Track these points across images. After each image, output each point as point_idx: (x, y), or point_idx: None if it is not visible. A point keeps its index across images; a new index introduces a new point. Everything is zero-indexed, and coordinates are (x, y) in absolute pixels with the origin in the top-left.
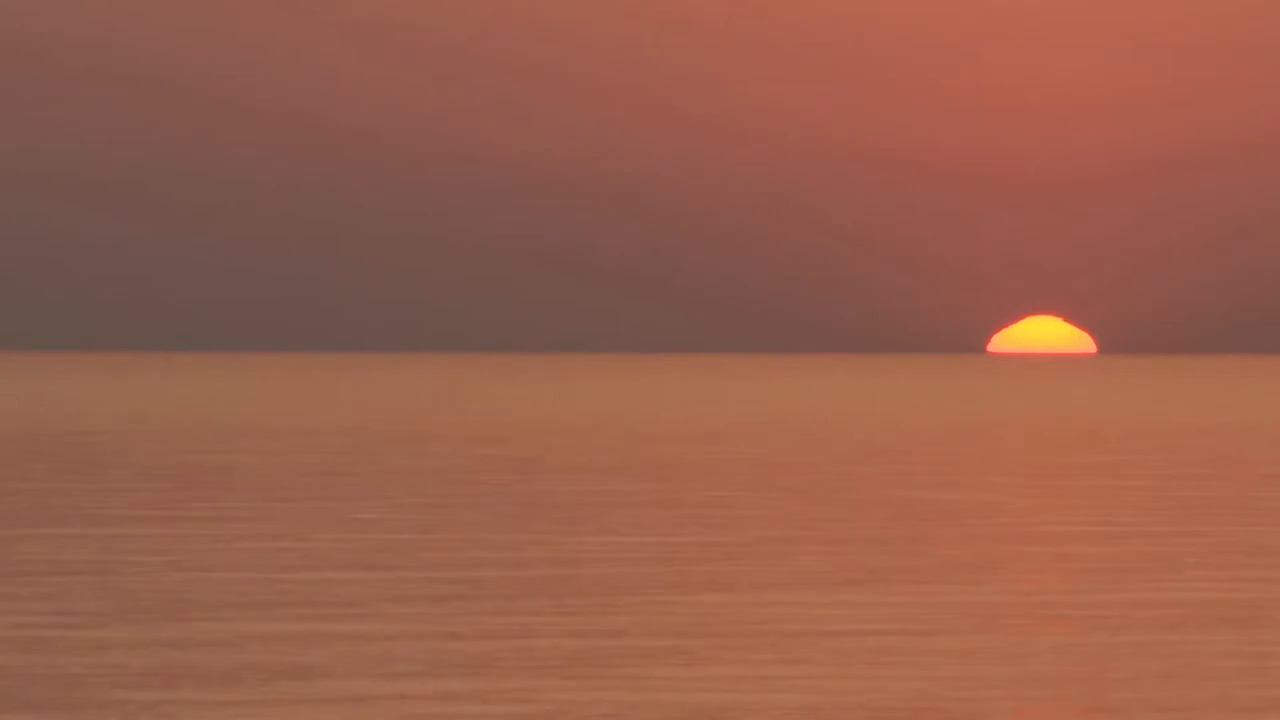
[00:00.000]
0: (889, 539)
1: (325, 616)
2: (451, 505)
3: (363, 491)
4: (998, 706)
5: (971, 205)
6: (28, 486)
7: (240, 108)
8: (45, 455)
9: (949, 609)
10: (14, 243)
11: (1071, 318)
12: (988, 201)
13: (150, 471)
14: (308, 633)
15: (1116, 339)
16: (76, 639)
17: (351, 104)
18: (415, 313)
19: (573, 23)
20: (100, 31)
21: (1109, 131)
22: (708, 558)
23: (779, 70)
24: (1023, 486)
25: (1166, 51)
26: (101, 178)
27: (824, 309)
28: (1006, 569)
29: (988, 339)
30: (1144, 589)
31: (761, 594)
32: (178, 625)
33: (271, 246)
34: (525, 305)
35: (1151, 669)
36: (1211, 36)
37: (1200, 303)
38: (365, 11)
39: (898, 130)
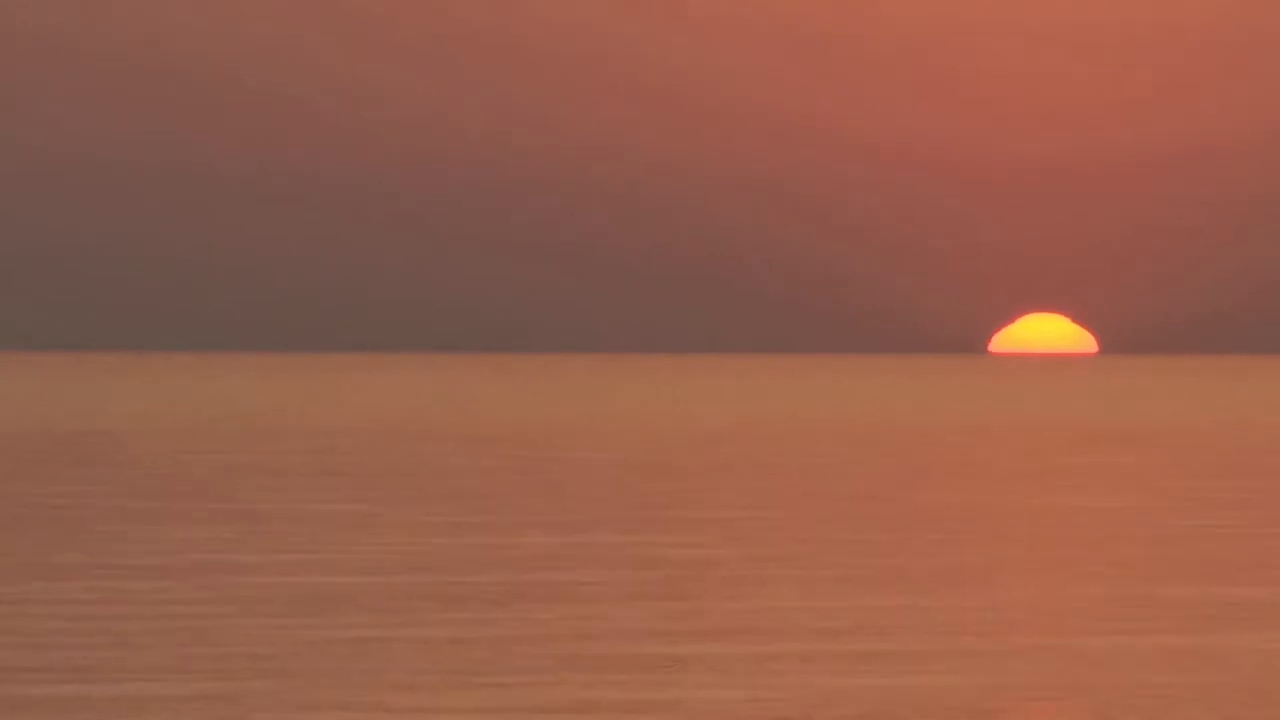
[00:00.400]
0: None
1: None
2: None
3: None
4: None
5: (971, 201)
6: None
7: (243, 105)
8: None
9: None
10: (16, 242)
11: (1073, 315)
12: (987, 198)
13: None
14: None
15: (1119, 338)
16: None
17: (355, 102)
18: (414, 312)
19: (569, 16)
20: (99, 26)
21: (1113, 128)
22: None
23: (778, 64)
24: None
25: (1174, 46)
26: (105, 176)
27: (824, 307)
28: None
29: (988, 338)
30: None
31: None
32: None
33: (273, 246)
34: (519, 304)
35: None
36: (1224, 30)
37: (1204, 302)
38: (367, 7)
39: (899, 126)
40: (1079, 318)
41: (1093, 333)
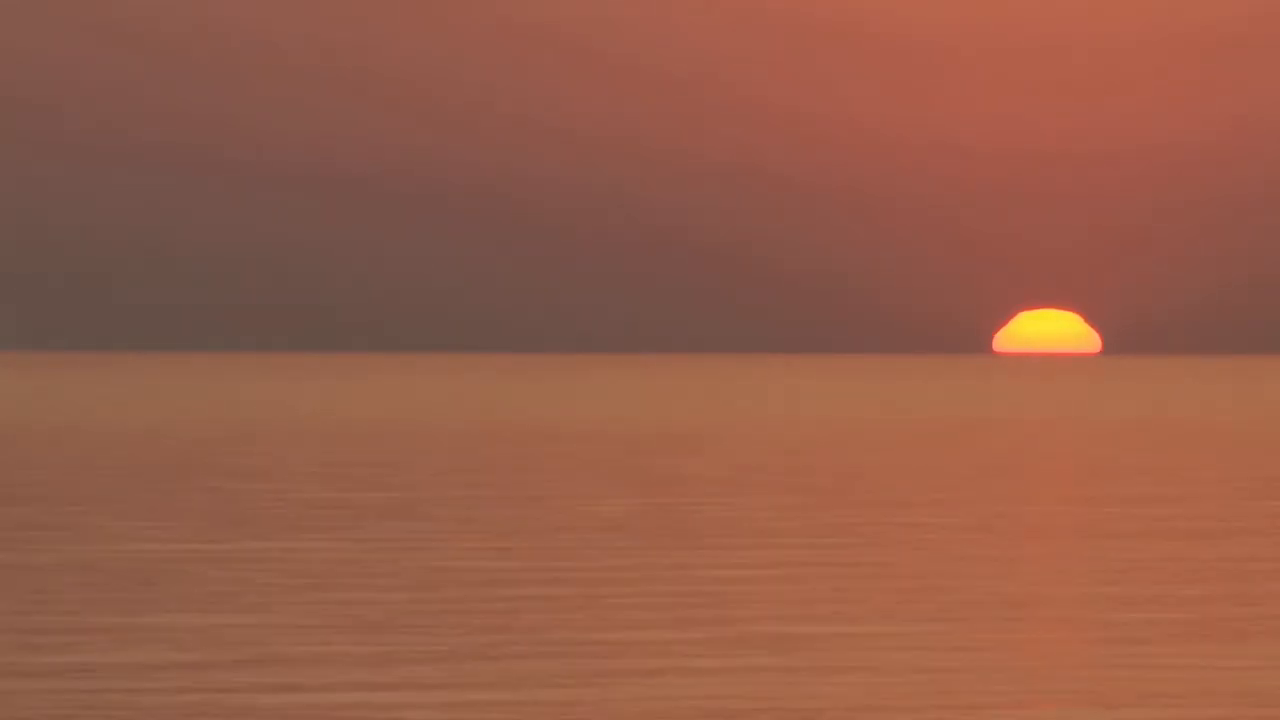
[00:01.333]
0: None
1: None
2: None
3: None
4: None
5: (970, 199)
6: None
7: (246, 103)
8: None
9: None
10: (18, 242)
11: (1075, 312)
12: (986, 196)
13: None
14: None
15: (1121, 336)
16: None
17: (362, 102)
18: (415, 312)
19: (570, 11)
20: (96, 16)
21: (1113, 127)
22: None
23: (779, 61)
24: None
25: (1176, 46)
26: (108, 174)
27: (825, 306)
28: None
29: (990, 335)
30: None
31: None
32: None
33: (281, 246)
34: (516, 304)
35: None
36: (1227, 30)
37: (1206, 301)
38: (371, 8)
39: (900, 124)
40: (1083, 314)
41: (1097, 329)
